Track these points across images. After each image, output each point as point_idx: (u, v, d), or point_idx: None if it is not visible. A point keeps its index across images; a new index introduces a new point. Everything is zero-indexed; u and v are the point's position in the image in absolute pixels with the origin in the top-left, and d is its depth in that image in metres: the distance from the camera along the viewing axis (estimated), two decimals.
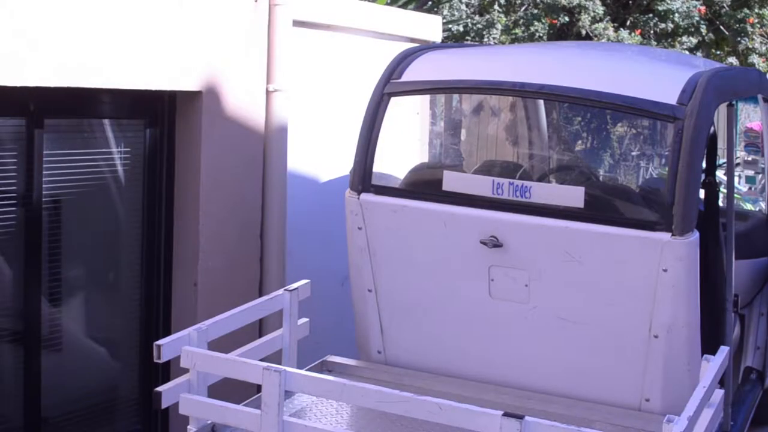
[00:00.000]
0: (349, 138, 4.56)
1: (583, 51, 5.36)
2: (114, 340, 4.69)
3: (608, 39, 13.92)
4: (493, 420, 2.80)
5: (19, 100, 3.97)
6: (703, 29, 14.49)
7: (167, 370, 4.39)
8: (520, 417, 2.76)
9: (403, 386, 3.74)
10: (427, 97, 6.22)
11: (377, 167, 4.19)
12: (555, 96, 4.17)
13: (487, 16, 14.69)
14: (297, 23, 5.11)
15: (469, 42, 14.19)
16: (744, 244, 4.84)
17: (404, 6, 8.99)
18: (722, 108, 4.32)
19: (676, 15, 14.19)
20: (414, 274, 4.12)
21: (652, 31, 14.43)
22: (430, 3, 13.35)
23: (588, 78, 4.02)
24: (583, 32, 14.12)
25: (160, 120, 4.65)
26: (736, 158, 10.49)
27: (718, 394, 3.21)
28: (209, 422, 3.31)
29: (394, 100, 4.18)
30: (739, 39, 14.42)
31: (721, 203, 4.68)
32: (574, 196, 3.84)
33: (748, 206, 9.82)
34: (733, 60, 14.58)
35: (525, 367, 4.01)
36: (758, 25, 14.48)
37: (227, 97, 4.72)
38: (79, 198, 4.40)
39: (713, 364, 3.19)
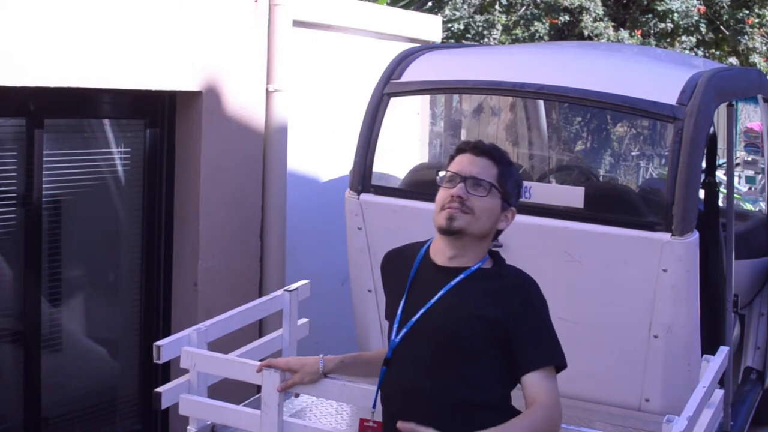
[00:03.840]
0: (349, 138, 4.56)
1: (583, 51, 5.36)
2: (114, 340, 4.69)
3: (608, 39, 13.93)
4: None
5: (19, 100, 3.97)
6: (703, 29, 14.50)
7: (167, 371, 4.39)
8: None
9: None
10: (427, 97, 6.22)
11: (377, 167, 4.18)
12: (555, 96, 4.16)
13: (488, 16, 14.70)
14: (297, 23, 5.11)
15: (469, 42, 14.20)
16: (744, 244, 4.84)
17: (405, 6, 8.99)
18: (722, 108, 4.32)
19: (675, 15, 14.20)
20: None
21: (651, 31, 14.44)
22: (430, 3, 13.35)
23: (588, 78, 4.01)
24: (585, 33, 14.12)
25: (160, 120, 4.65)
26: (736, 158, 10.48)
27: (718, 394, 3.21)
28: (209, 422, 3.31)
29: (394, 100, 4.17)
30: (738, 38, 14.42)
31: (721, 203, 4.68)
32: (574, 196, 3.84)
33: (748, 206, 9.81)
34: (733, 60, 14.58)
35: None
36: (758, 25, 14.48)
37: (227, 97, 4.72)
38: (79, 198, 4.40)
39: (713, 364, 3.19)
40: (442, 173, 2.65)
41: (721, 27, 14.86)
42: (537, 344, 2.54)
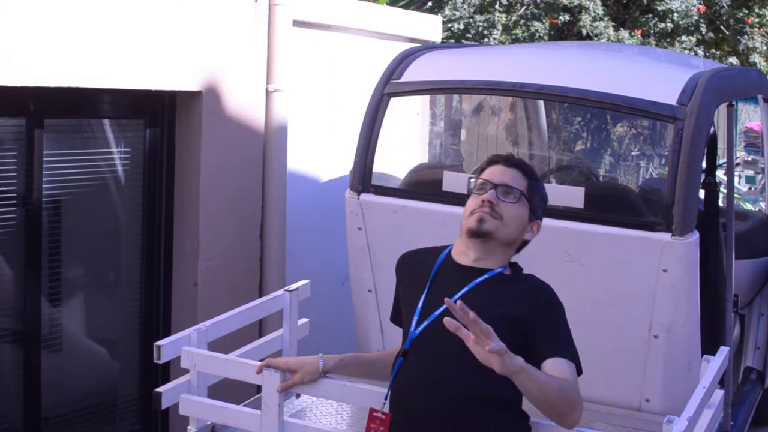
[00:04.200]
0: (349, 138, 4.56)
1: (583, 51, 5.36)
2: (114, 340, 4.69)
3: (608, 39, 13.93)
4: None
5: (19, 100, 3.97)
6: (703, 28, 14.50)
7: (167, 371, 4.39)
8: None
9: None
10: (427, 97, 6.22)
11: (377, 167, 4.18)
12: (555, 96, 4.16)
13: (488, 16, 14.70)
14: (297, 23, 5.11)
15: (469, 42, 14.20)
16: (744, 244, 4.83)
17: (405, 6, 8.99)
18: (722, 108, 4.31)
19: (675, 14, 14.20)
20: None
21: (651, 31, 14.44)
22: (430, 3, 13.35)
23: (588, 78, 4.01)
24: (584, 32, 14.11)
25: (160, 120, 4.65)
26: (736, 158, 10.48)
27: (718, 394, 3.21)
28: (209, 422, 3.31)
29: (394, 100, 4.17)
30: (738, 38, 14.42)
31: (721, 203, 4.68)
32: (574, 196, 3.83)
33: (748, 206, 9.81)
34: (733, 60, 14.58)
35: None
36: (758, 25, 14.48)
37: (227, 97, 4.72)
38: (79, 198, 4.40)
39: (713, 365, 3.19)
40: (473, 180, 2.80)
41: (721, 27, 14.86)
42: (559, 339, 2.64)
